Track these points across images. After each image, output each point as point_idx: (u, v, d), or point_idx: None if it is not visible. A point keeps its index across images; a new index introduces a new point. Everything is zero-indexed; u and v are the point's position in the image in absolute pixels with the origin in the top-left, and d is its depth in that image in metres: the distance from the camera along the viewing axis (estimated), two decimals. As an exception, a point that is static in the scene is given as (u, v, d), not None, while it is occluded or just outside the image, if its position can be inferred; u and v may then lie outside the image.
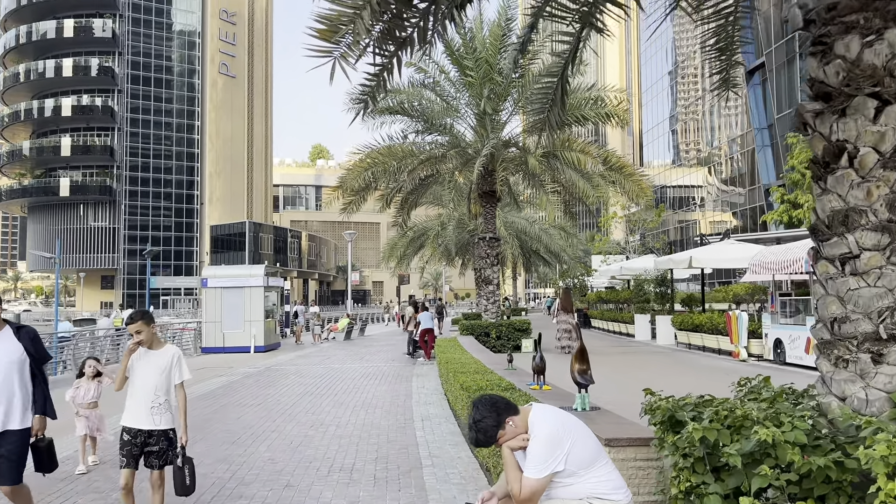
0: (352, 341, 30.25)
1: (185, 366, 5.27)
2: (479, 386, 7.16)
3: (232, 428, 9.41)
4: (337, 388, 13.73)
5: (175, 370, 5.21)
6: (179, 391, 5.28)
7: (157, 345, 5.20)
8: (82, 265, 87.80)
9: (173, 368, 5.20)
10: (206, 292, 24.16)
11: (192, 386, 14.34)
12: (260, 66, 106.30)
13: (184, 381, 5.25)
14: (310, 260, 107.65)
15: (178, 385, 5.26)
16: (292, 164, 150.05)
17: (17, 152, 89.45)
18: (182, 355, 5.33)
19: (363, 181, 17.85)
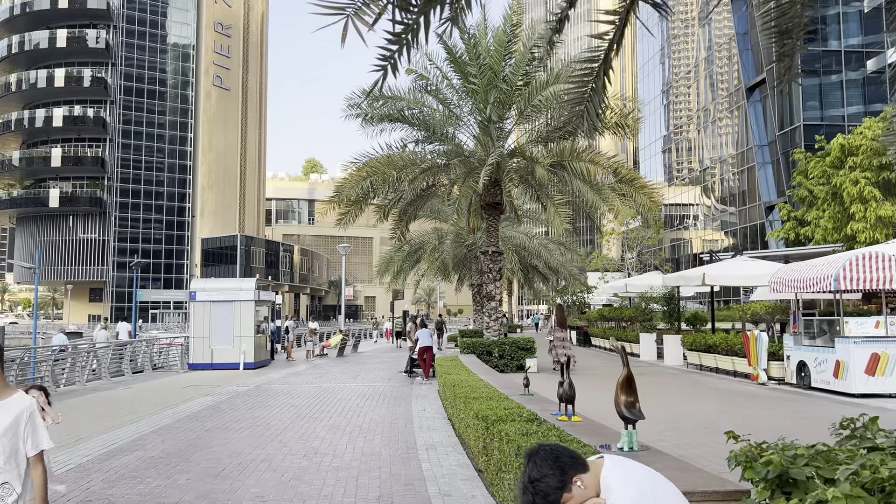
0: (345, 358, 29.29)
1: (41, 429, 3.25)
2: (498, 416, 6.31)
3: (217, 456, 8.49)
4: (332, 410, 12.81)
5: (27, 433, 3.18)
6: (36, 466, 3.21)
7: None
8: (70, 277, 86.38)
9: (23, 430, 3.17)
10: (195, 306, 23.19)
11: (179, 405, 13.41)
12: (254, 79, 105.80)
13: (43, 451, 3.25)
14: (302, 274, 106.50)
15: (33, 457, 3.20)
16: (285, 178, 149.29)
17: (7, 162, 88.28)
18: (36, 411, 3.29)
19: (361, 191, 17.04)
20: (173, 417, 11.86)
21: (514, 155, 17.57)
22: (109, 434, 10.11)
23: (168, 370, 23.25)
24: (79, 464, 8.03)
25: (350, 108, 17.39)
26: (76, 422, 11.45)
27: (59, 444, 9.29)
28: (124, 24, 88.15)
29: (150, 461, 8.18)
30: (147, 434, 10.14)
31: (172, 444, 9.34)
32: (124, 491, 6.76)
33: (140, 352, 23.27)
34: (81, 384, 18.11)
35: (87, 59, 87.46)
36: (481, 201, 18.10)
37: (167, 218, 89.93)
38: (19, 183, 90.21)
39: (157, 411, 12.62)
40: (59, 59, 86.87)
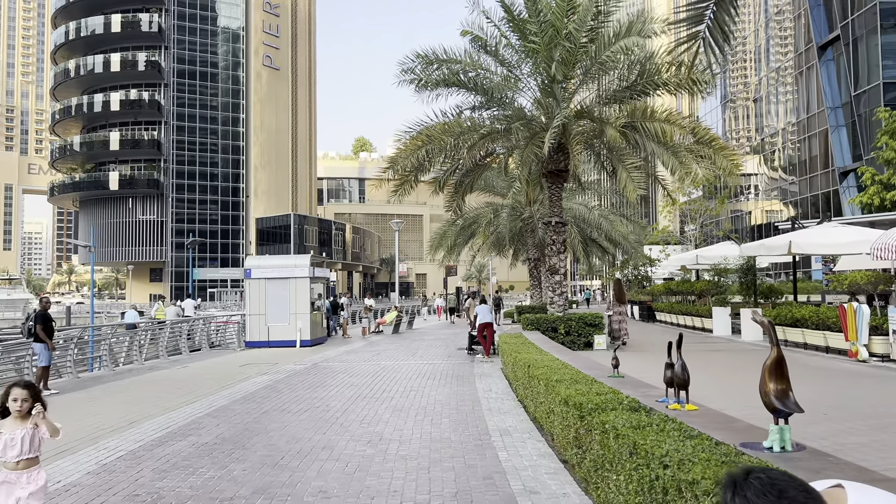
0: (400, 335, 28.79)
1: None
2: (595, 403, 5.40)
3: (275, 442, 7.85)
4: (393, 389, 12.13)
5: None
6: None
7: None
8: (131, 258, 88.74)
9: None
10: (250, 283, 22.91)
11: (236, 385, 12.97)
12: (303, 58, 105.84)
13: None
14: (354, 252, 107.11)
15: None
16: (335, 157, 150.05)
17: (69, 147, 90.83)
18: None
19: (416, 160, 16.18)
20: (229, 398, 11.36)
21: (581, 117, 16.39)
22: (164, 417, 9.63)
23: (225, 348, 23.10)
24: (130, 450, 7.50)
25: (404, 73, 16.50)
26: (131, 403, 11.06)
27: (110, 428, 8.85)
28: (176, 7, 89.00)
29: (204, 448, 7.60)
30: (202, 417, 9.62)
31: (228, 428, 8.77)
32: (175, 483, 6.15)
33: (197, 330, 23.18)
34: (140, 363, 17.97)
35: (141, 43, 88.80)
36: (543, 169, 17.02)
37: (222, 198, 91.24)
38: (81, 167, 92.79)
39: (213, 391, 12.17)
40: (114, 43, 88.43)
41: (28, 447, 4.09)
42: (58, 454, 7.37)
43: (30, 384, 4.24)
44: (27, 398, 4.05)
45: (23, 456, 4.06)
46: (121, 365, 17.89)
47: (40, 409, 4.08)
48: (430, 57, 16.66)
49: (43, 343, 12.57)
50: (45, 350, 12.55)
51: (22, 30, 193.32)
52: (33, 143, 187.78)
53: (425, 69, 16.46)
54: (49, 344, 12.67)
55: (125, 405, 10.83)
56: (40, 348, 12.58)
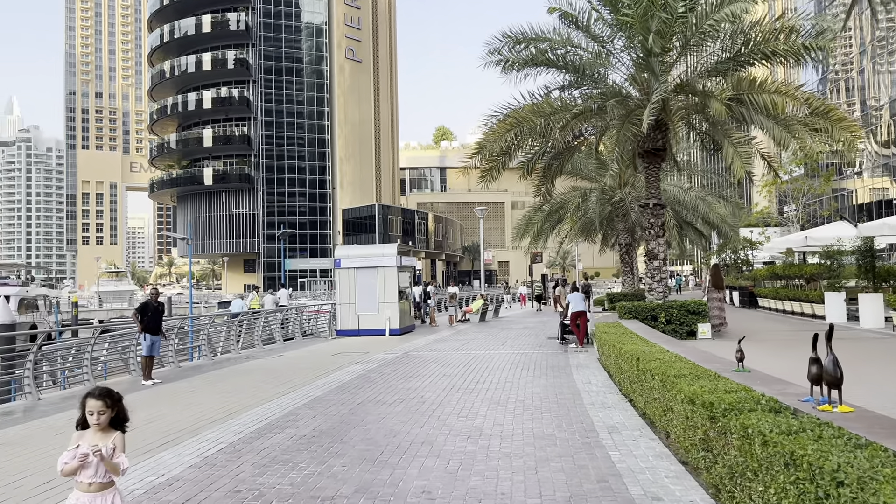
0: (487, 323, 28.45)
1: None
2: (727, 402, 4.81)
3: (373, 436, 7.63)
4: (486, 380, 11.76)
5: None
6: None
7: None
8: (226, 250, 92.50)
9: None
10: (340, 273, 23.12)
11: (329, 374, 12.96)
12: (384, 49, 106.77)
13: None
14: (437, 241, 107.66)
15: None
16: (417, 147, 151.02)
17: (166, 145, 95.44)
18: None
19: (504, 144, 15.68)
20: (324, 388, 11.31)
21: (681, 91, 15.42)
22: (262, 407, 9.63)
23: (317, 337, 23.44)
24: (230, 443, 7.45)
25: (490, 53, 16.01)
26: (230, 393, 11.18)
27: (211, 419, 8.88)
28: (261, 4, 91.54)
29: (302, 441, 7.46)
30: (299, 408, 9.56)
31: (325, 419, 8.64)
32: (276, 479, 5.99)
33: (291, 319, 23.63)
34: (236, 352, 18.40)
35: (230, 42, 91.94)
36: (639, 148, 16.16)
37: (309, 191, 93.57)
38: (177, 163, 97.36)
39: (308, 381, 12.18)
40: (205, 43, 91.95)
41: (104, 469, 3.58)
42: (161, 446, 7.41)
43: (105, 393, 3.64)
44: (103, 409, 3.58)
45: (97, 479, 3.59)
46: (219, 354, 18.38)
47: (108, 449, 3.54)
48: (517, 36, 16.08)
49: (145, 332, 12.92)
50: (144, 339, 12.90)
51: (121, 35, 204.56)
52: (134, 143, 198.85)
53: (512, 49, 15.91)
54: (139, 328, 12.93)
55: (224, 395, 10.95)
56: (142, 338, 12.95)
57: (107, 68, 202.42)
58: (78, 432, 3.65)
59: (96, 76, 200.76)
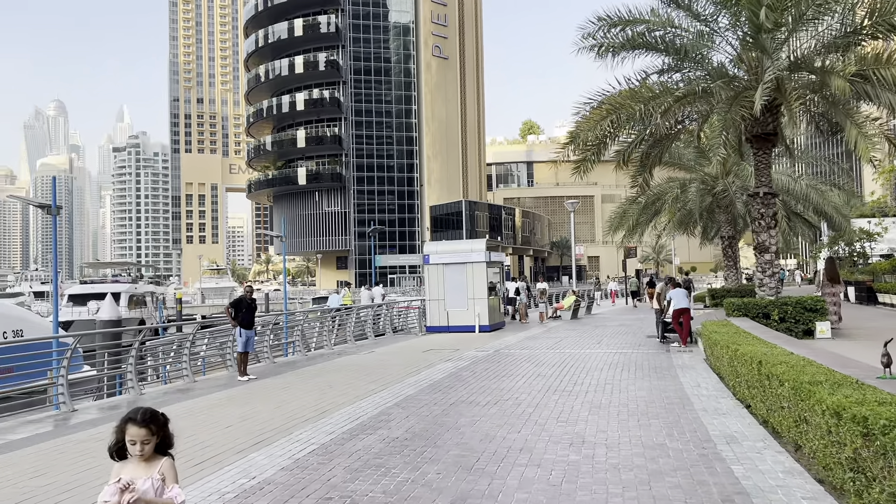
0: (579, 320, 27.57)
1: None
2: (888, 419, 4.08)
3: (468, 440, 7.23)
4: (584, 382, 11.14)
5: None
6: None
7: None
8: (319, 247, 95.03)
9: None
10: (429, 269, 22.96)
11: (421, 371, 12.70)
12: (470, 44, 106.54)
13: None
14: (524, 236, 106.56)
15: None
16: (503, 142, 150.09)
17: (262, 147, 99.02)
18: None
19: (599, 132, 14.92)
20: (416, 386, 11.04)
21: (797, 69, 14.17)
22: (353, 406, 9.43)
23: (407, 333, 23.37)
24: (321, 444, 7.24)
25: (583, 38, 15.26)
26: (322, 390, 11.09)
27: (303, 418, 8.74)
28: (350, 6, 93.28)
29: (394, 444, 7.15)
30: (391, 407, 9.30)
31: (417, 420, 8.32)
32: (368, 486, 5.68)
33: (381, 315, 23.69)
34: (329, 347, 18.52)
35: (321, 44, 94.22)
36: (747, 133, 15.00)
37: (398, 188, 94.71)
38: (273, 164, 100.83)
39: (399, 378, 11.96)
40: (297, 47, 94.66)
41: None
42: (254, 445, 7.29)
43: (150, 418, 3.04)
44: (148, 438, 3.00)
45: None
46: (312, 350, 18.56)
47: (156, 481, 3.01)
48: (612, 19, 15.26)
49: (240, 328, 13.05)
50: (239, 336, 13.03)
51: (220, 42, 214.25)
52: (233, 146, 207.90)
53: (607, 33, 15.11)
54: (233, 323, 13.06)
55: (316, 392, 10.87)
56: (237, 333, 13.07)
57: (207, 75, 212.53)
58: (118, 464, 3.08)
59: (197, 83, 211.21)
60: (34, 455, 7.24)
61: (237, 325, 13.01)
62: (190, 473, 6.19)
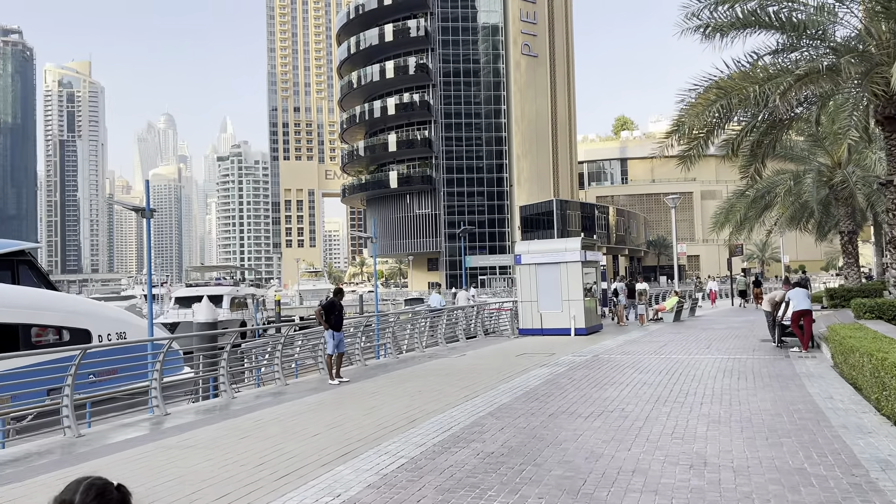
0: (682, 323, 26.04)
1: None
2: None
3: (571, 458, 6.51)
4: (697, 392, 10.12)
5: None
6: None
7: None
8: (411, 249, 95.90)
9: None
10: (520, 269, 22.21)
11: (515, 377, 12.02)
12: (560, 41, 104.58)
13: None
14: (618, 235, 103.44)
15: None
16: (595, 139, 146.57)
17: (355, 152, 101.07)
18: None
19: (708, 118, 13.74)
20: (511, 394, 10.37)
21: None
22: (445, 415, 8.89)
23: (499, 335, 22.72)
24: (411, 458, 6.71)
25: (687, 18, 14.12)
26: (412, 396, 10.62)
27: (392, 426, 8.25)
28: (439, 9, 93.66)
29: (489, 460, 6.53)
30: (484, 416, 8.68)
31: (513, 433, 7.67)
32: (461, 510, 5.09)
33: (473, 317, 23.17)
34: (420, 349, 18.14)
35: (411, 49, 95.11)
36: (879, 114, 13.40)
37: (487, 189, 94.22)
38: (366, 169, 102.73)
39: (492, 385, 11.33)
40: (388, 52, 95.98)
41: None
42: (340, 457, 6.87)
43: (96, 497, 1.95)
44: None
45: None
46: (404, 352, 18.25)
47: None
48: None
49: (331, 330, 12.82)
50: (330, 338, 12.79)
51: (314, 52, 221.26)
52: (328, 152, 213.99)
53: (714, 11, 13.90)
54: (324, 325, 12.84)
55: (406, 398, 10.41)
56: (327, 336, 12.85)
57: (302, 84, 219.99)
58: None
59: (294, 92, 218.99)
60: (120, 462, 7.11)
61: (329, 328, 12.79)
62: (272, 489, 5.81)
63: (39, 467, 6.98)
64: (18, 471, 6.86)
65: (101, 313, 15.09)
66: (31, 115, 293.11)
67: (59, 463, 7.13)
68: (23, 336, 12.85)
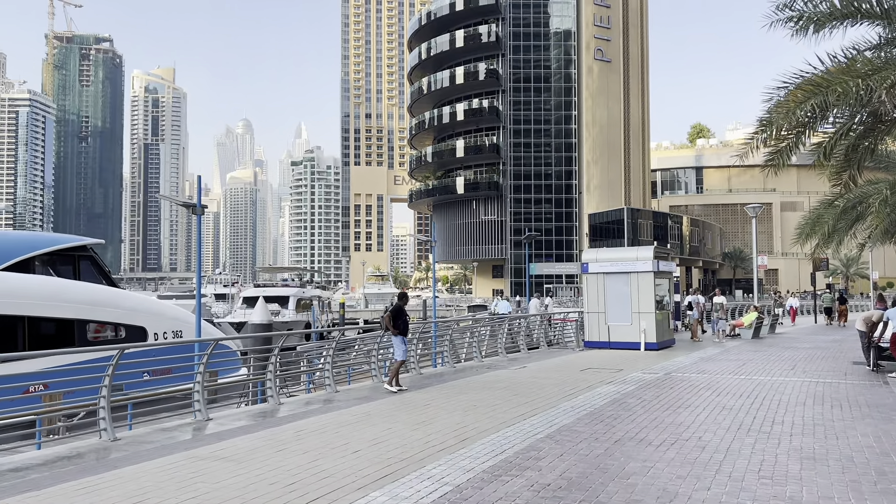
0: (761, 340, 24.39)
1: None
2: None
3: (639, 497, 5.63)
4: (785, 420, 8.99)
5: None
6: None
7: None
8: (476, 255, 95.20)
9: None
10: (587, 278, 21.15)
11: (578, 395, 11.12)
12: (635, 47, 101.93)
13: None
14: (692, 246, 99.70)
15: None
16: (670, 147, 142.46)
17: (423, 158, 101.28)
18: None
19: (799, 117, 12.49)
20: (572, 414, 9.50)
21: None
22: (498, 434, 8.11)
23: (563, 347, 21.71)
24: (456, 485, 5.98)
25: (778, 10, 12.90)
26: (465, 411, 9.88)
27: (440, 446, 7.52)
28: (511, 14, 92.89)
29: (545, 494, 5.73)
30: (541, 439, 7.86)
31: (574, 461, 6.83)
32: (507, 559, 4.32)
33: (536, 327, 22.26)
34: (479, 359, 17.39)
35: (481, 54, 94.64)
36: None
37: (555, 196, 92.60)
38: (433, 174, 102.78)
39: (553, 402, 10.48)
40: (458, 58, 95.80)
41: None
42: (379, 480, 6.20)
43: None
44: None
45: None
46: (462, 361, 17.55)
47: None
48: (816, -17, 12.78)
49: (400, 336, 12.35)
50: (401, 344, 12.31)
51: (386, 59, 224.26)
52: (397, 158, 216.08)
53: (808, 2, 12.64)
54: (392, 331, 12.35)
55: (459, 413, 9.68)
56: (397, 342, 12.36)
57: (374, 91, 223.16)
58: None
59: (366, 98, 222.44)
60: (144, 473, 6.66)
61: (398, 333, 12.32)
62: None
63: (65, 473, 6.61)
64: (43, 476, 6.50)
65: (159, 311, 15.03)
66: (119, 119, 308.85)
67: (85, 470, 6.74)
68: (78, 332, 12.82)
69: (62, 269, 14.14)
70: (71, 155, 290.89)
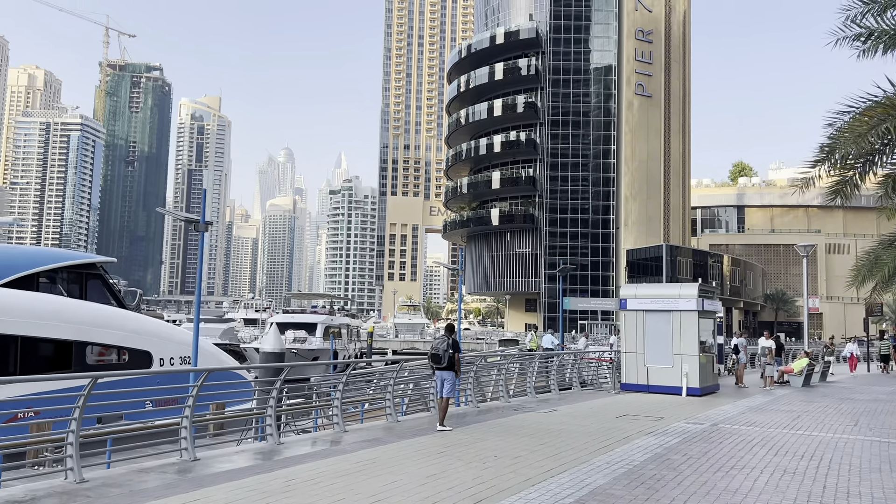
0: (813, 388, 22.61)
1: None
2: None
3: None
4: (862, 491, 7.60)
5: None
6: None
7: None
8: (509, 288, 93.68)
9: None
10: (625, 315, 19.81)
11: (614, 447, 9.85)
12: (677, 83, 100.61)
13: None
14: (733, 286, 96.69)
15: None
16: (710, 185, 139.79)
17: (458, 189, 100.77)
18: None
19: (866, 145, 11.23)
20: (607, 472, 8.24)
21: None
22: (519, 497, 6.92)
23: (597, 388, 20.30)
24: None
25: (845, 26, 11.74)
26: (484, 462, 8.68)
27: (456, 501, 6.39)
28: (551, 47, 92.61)
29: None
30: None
31: (609, 538, 5.60)
32: None
33: (567, 365, 20.91)
34: (505, 399, 16.14)
35: (520, 87, 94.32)
36: None
37: (592, 231, 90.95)
38: (468, 205, 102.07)
39: (585, 456, 9.22)
40: (497, 90, 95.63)
41: None
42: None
43: None
44: None
45: None
46: (487, 400, 16.34)
47: None
48: (884, 0, 11.60)
49: (451, 371, 11.50)
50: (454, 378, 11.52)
51: (427, 92, 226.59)
52: (434, 189, 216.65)
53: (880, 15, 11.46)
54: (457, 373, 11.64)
55: (477, 465, 8.50)
56: (450, 376, 11.51)
57: (413, 122, 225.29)
58: None
59: (405, 130, 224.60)
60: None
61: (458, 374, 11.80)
62: None
63: (6, 524, 5.65)
64: (-23, 527, 5.55)
65: (166, 335, 14.19)
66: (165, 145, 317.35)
67: (29, 520, 5.76)
68: (76, 354, 12.02)
69: (68, 287, 13.45)
70: (117, 178, 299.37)
